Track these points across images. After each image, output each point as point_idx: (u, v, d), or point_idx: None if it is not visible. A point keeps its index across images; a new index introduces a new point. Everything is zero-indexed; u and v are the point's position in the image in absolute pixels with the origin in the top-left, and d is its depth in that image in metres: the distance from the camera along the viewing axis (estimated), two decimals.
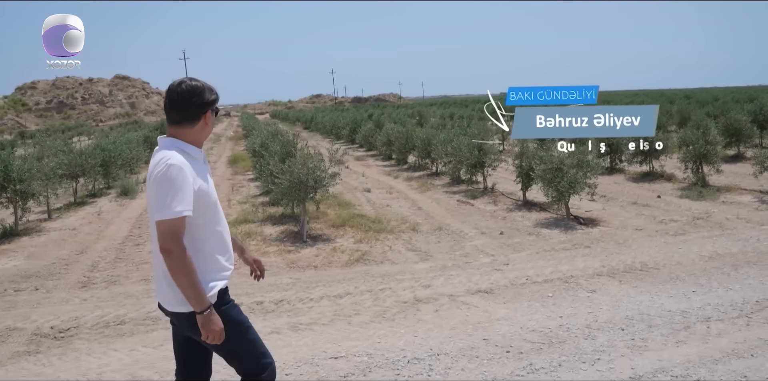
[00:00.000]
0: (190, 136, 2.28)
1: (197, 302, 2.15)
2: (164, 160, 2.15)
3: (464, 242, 7.09)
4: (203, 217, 2.22)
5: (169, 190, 2.10)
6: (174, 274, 2.13)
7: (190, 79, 2.30)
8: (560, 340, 4.06)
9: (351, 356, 3.98)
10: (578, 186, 7.74)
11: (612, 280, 5.43)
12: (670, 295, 4.94)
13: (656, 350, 3.84)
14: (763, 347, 3.82)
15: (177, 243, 2.10)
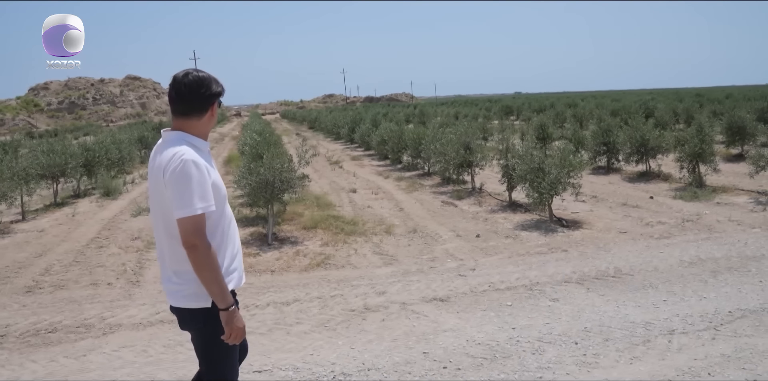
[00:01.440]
0: (197, 128, 2.23)
1: (222, 299, 2.11)
2: (178, 156, 2.09)
3: (436, 245, 6.78)
4: (216, 212, 2.16)
5: (188, 187, 2.05)
6: (199, 269, 2.09)
7: (195, 70, 2.24)
8: (505, 355, 3.74)
9: (276, 370, 3.71)
10: (560, 186, 7.39)
11: (580, 287, 5.08)
12: (637, 305, 4.59)
13: (606, 368, 3.51)
14: (723, 365, 3.47)
15: (202, 238, 2.07)
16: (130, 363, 3.90)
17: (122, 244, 7.15)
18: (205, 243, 2.07)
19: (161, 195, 2.14)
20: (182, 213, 2.05)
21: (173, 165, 2.08)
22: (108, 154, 11.93)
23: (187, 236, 2.06)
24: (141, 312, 4.89)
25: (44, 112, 48.08)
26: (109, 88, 53.73)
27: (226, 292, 2.12)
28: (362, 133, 17.68)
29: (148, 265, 6.27)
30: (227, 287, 2.14)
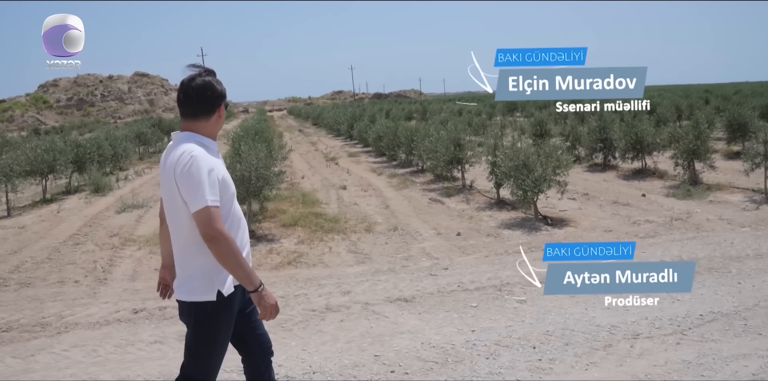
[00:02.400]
0: (205, 129, 2.31)
1: (249, 281, 2.20)
2: (188, 153, 2.17)
3: (414, 244, 6.64)
4: (226, 206, 2.24)
5: (200, 181, 2.14)
6: (222, 258, 2.16)
7: (203, 72, 2.32)
8: (457, 360, 3.61)
9: (222, 372, 3.60)
10: (544, 184, 7.21)
11: None
12: (607, 307, 4.41)
13: (559, 374, 3.37)
14: (682, 372, 3.31)
15: (219, 228, 2.14)
16: (77, 363, 3.82)
17: (99, 241, 7.10)
18: (224, 232, 2.14)
19: (173, 193, 2.22)
20: (196, 206, 2.14)
21: (183, 162, 2.16)
22: (100, 151, 11.89)
23: (205, 228, 2.13)
24: (101, 311, 4.81)
25: (53, 108, 48.50)
26: (117, 85, 54.05)
27: (252, 275, 2.20)
28: (360, 130, 17.54)
29: (119, 263, 6.20)
30: (252, 270, 2.21)
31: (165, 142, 22.21)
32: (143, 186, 12.05)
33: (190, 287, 2.25)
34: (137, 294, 5.23)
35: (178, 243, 2.28)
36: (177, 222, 2.25)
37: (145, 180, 13.13)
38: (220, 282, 2.24)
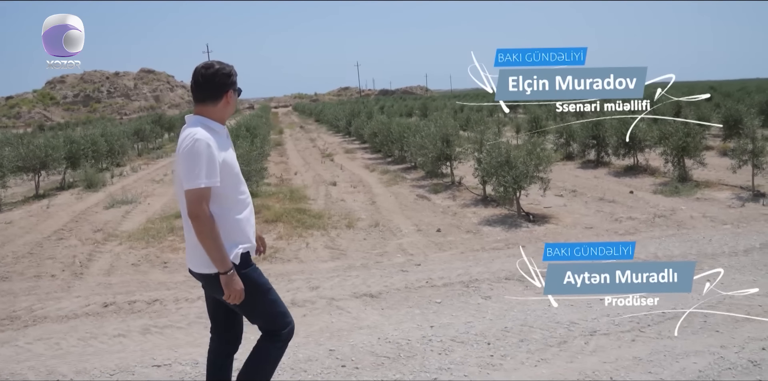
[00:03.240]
0: (214, 113, 2.47)
1: (221, 264, 2.35)
2: (191, 136, 2.34)
3: (392, 240, 6.65)
4: (228, 187, 2.40)
5: (196, 163, 2.30)
6: (201, 237, 2.33)
7: (216, 62, 2.50)
8: (409, 355, 3.62)
9: (176, 364, 3.65)
10: (525, 181, 7.18)
11: (519, 285, 4.92)
12: (571, 304, 4.41)
13: (508, 370, 3.37)
14: (630, 368, 3.30)
15: (204, 209, 2.31)
16: (37, 356, 3.87)
17: (83, 236, 7.17)
18: (207, 214, 2.32)
19: (180, 175, 2.38)
20: (189, 185, 2.32)
21: (185, 143, 2.34)
22: (94, 147, 11.98)
23: (191, 207, 2.32)
24: (71, 305, 4.86)
25: (60, 105, 48.93)
26: (123, 81, 54.40)
27: (225, 258, 2.35)
28: (357, 126, 17.54)
29: (98, 258, 6.26)
30: (227, 253, 2.36)
31: (165, 138, 22.36)
32: (137, 182, 12.14)
33: (203, 260, 2.41)
34: (110, 288, 5.29)
35: (186, 219, 2.40)
36: (183, 199, 2.39)
37: (140, 176, 13.23)
38: (230, 250, 2.40)
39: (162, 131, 20.64)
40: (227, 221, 2.41)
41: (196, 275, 2.54)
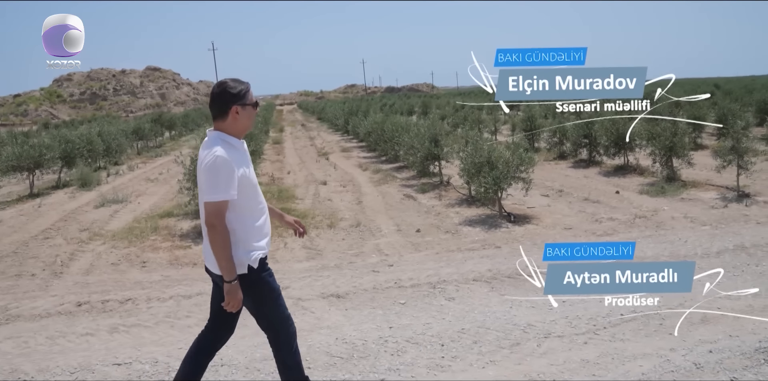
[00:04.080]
0: (228, 128, 2.64)
1: (227, 273, 2.55)
2: (212, 153, 2.52)
3: (370, 240, 6.71)
4: (246, 198, 2.59)
5: (215, 178, 2.50)
6: (214, 246, 2.53)
7: (231, 80, 2.68)
8: (363, 355, 3.68)
9: (136, 363, 3.74)
10: (505, 181, 7.21)
11: (486, 286, 4.97)
12: (532, 306, 4.46)
13: (455, 372, 3.42)
14: (576, 371, 3.35)
15: (220, 220, 2.52)
16: (4, 354, 3.97)
17: (68, 236, 7.29)
18: (222, 225, 2.52)
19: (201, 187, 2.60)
20: (207, 198, 2.53)
21: (207, 160, 2.53)
22: (89, 146, 12.12)
23: (208, 217, 2.52)
24: (46, 304, 4.97)
25: (67, 102, 49.36)
26: (129, 79, 54.76)
27: (232, 268, 2.55)
28: (354, 125, 17.59)
29: (80, 257, 6.38)
30: (234, 264, 2.55)
31: (165, 137, 22.52)
32: (132, 181, 12.28)
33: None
34: (87, 287, 5.39)
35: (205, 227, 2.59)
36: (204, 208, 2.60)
37: (136, 174, 13.37)
38: (247, 256, 2.61)
39: (162, 130, 20.76)
40: (246, 228, 2.61)
41: (212, 275, 2.74)
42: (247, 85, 2.67)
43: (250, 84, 2.68)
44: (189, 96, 57.38)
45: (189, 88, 59.67)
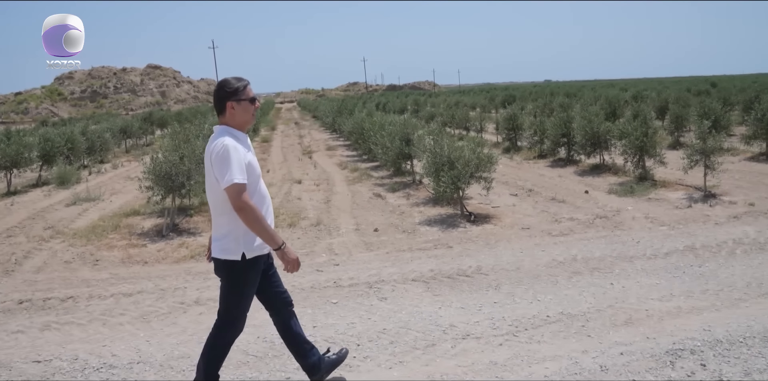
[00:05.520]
0: (230, 122, 2.84)
1: (272, 242, 2.77)
2: (221, 142, 2.71)
3: (325, 239, 6.73)
4: (251, 185, 2.77)
5: (227, 163, 2.68)
6: (250, 224, 2.70)
7: (233, 78, 2.86)
8: (277, 354, 3.70)
9: (56, 360, 3.77)
10: (463, 181, 7.20)
11: (422, 286, 4.96)
12: (462, 306, 4.46)
13: (362, 372, 3.43)
14: (481, 373, 3.34)
15: (246, 200, 2.68)
16: None
17: (31, 234, 7.34)
18: (250, 203, 2.70)
19: (210, 174, 2.77)
20: (226, 183, 2.68)
21: (216, 149, 2.71)
22: (69, 145, 12.19)
23: (234, 201, 2.68)
24: None
25: (67, 100, 49.63)
26: (130, 77, 54.99)
27: (275, 236, 2.77)
28: (339, 123, 17.61)
29: (35, 255, 6.43)
30: (275, 232, 2.77)
31: (157, 135, 22.60)
32: (113, 179, 12.34)
33: (222, 248, 2.82)
34: (33, 285, 5.44)
35: (214, 213, 2.85)
36: (213, 196, 2.80)
37: (118, 173, 13.43)
38: (245, 246, 2.80)
39: (153, 128, 20.82)
40: None
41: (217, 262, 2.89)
42: (245, 82, 2.85)
43: (248, 81, 2.86)
44: (189, 94, 57.54)
45: (189, 86, 59.82)
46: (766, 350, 3.47)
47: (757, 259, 5.32)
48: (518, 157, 13.07)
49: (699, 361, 3.38)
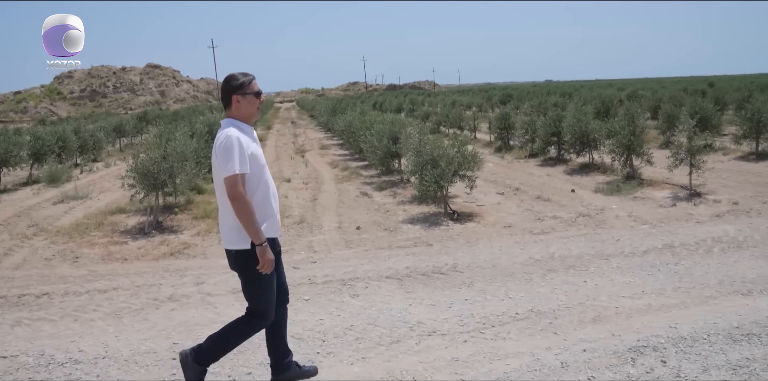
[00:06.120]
0: (235, 115, 2.96)
1: (256, 236, 2.82)
2: (224, 134, 2.85)
3: (306, 237, 6.73)
4: (255, 175, 2.89)
5: (230, 155, 2.79)
6: (239, 214, 2.80)
7: (239, 73, 2.97)
8: (243, 349, 3.67)
9: (22, 355, 3.78)
10: (446, 180, 7.20)
11: (395, 283, 4.97)
12: (433, 304, 4.46)
13: (323, 368, 3.42)
14: (441, 369, 3.34)
15: (240, 192, 2.79)
16: None
17: (15, 231, 7.36)
18: (243, 195, 2.79)
19: (216, 164, 2.86)
20: (226, 173, 2.80)
21: (220, 140, 2.84)
22: (60, 143, 12.21)
23: (230, 190, 2.79)
24: None
25: (67, 100, 49.70)
26: (129, 76, 55.06)
27: (260, 232, 2.83)
28: (332, 123, 17.61)
29: (16, 252, 6.44)
30: (260, 229, 2.83)
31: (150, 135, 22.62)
32: (104, 177, 12.35)
33: (230, 238, 2.91)
34: (10, 282, 5.45)
35: (221, 203, 2.92)
36: (219, 186, 2.88)
37: (110, 171, 13.44)
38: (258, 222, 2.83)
39: (148, 128, 20.85)
40: (255, 204, 2.86)
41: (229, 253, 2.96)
42: (251, 77, 2.98)
43: (254, 76, 2.99)
44: (189, 93, 57.59)
45: (189, 86, 59.89)
46: (728, 347, 3.47)
47: (732, 257, 5.31)
48: (509, 156, 13.06)
49: (660, 357, 3.38)
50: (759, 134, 10.74)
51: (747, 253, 5.45)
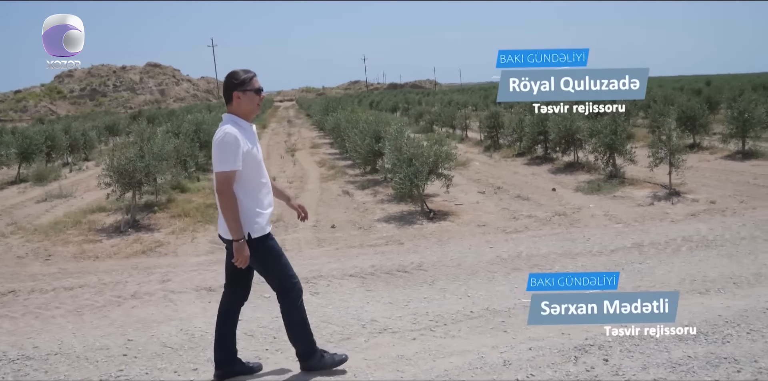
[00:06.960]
0: (236, 111, 3.05)
1: (235, 233, 2.95)
2: (222, 130, 2.94)
3: (280, 235, 6.73)
4: (251, 171, 2.99)
5: (224, 151, 2.90)
6: (223, 210, 2.95)
7: (241, 70, 3.05)
8: (192, 346, 3.74)
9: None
10: (419, 179, 7.21)
11: (357, 282, 4.99)
12: (391, 302, 4.48)
13: (268, 364, 3.44)
14: (382, 366, 3.35)
15: (228, 188, 2.92)
16: None
17: None
18: (230, 191, 2.92)
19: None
20: (217, 168, 2.92)
21: (217, 136, 2.94)
22: (48, 142, 12.26)
23: (218, 185, 2.92)
24: None
25: (67, 98, 49.95)
26: (129, 75, 55.30)
27: (240, 228, 2.94)
28: (324, 122, 17.65)
29: None
30: (241, 226, 2.95)
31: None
32: (92, 176, 12.39)
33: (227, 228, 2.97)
34: None
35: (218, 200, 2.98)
36: None
37: (99, 170, 13.49)
38: (249, 226, 3.00)
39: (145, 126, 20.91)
40: (249, 200, 2.99)
41: (225, 241, 3.11)
42: (252, 74, 3.05)
43: (255, 73, 3.07)
44: (188, 92, 57.80)
45: (189, 85, 60.10)
46: (673, 345, 3.48)
47: (698, 256, 5.31)
48: (497, 155, 13.06)
49: (603, 356, 3.39)
50: (745, 133, 10.71)
51: (713, 251, 5.45)
